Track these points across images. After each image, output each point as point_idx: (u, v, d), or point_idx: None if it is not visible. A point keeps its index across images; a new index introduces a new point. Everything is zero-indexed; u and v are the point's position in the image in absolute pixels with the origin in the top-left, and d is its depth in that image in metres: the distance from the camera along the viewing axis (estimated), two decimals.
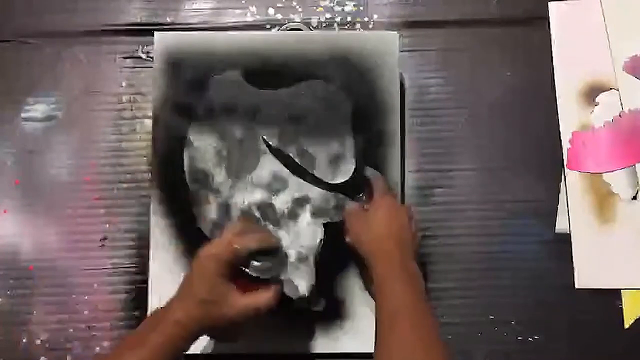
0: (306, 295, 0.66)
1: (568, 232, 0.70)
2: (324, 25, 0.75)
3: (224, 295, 0.55)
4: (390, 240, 0.60)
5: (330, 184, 0.68)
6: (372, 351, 0.56)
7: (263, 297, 0.56)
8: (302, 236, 0.67)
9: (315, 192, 0.68)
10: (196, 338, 0.55)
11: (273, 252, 0.59)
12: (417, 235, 0.63)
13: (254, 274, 0.57)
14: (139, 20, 0.75)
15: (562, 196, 0.71)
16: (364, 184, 0.66)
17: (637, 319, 0.69)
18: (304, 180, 0.68)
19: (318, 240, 0.67)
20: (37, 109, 0.73)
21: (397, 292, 0.56)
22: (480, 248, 0.70)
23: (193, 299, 0.54)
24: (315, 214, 0.68)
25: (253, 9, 0.75)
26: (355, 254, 0.63)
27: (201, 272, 0.55)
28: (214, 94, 0.69)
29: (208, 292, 0.54)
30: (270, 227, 0.67)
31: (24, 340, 0.69)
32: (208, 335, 0.57)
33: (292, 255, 0.67)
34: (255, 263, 0.57)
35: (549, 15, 0.74)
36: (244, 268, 0.57)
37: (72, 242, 0.70)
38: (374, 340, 0.55)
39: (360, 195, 0.66)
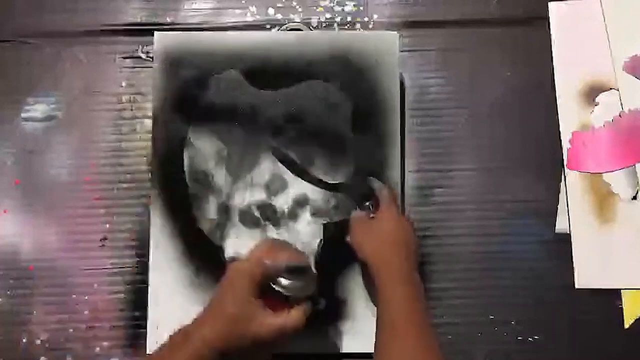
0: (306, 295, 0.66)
1: (568, 232, 0.70)
2: (324, 25, 0.75)
3: (253, 312, 0.53)
4: (395, 250, 0.60)
5: (330, 184, 0.68)
6: (372, 351, 0.56)
7: (292, 317, 0.55)
8: (302, 236, 0.67)
9: (315, 193, 0.68)
10: (221, 357, 0.52)
11: (303, 271, 0.58)
12: (419, 247, 0.63)
13: (284, 292, 0.56)
14: (138, 20, 0.75)
15: (562, 196, 0.71)
16: (371, 194, 0.66)
17: (637, 319, 0.69)
18: (304, 180, 0.68)
19: (318, 241, 0.67)
20: (37, 109, 0.73)
21: (400, 301, 0.57)
22: (480, 248, 0.70)
23: (221, 315, 0.53)
24: (315, 214, 0.68)
25: (253, 9, 0.75)
26: (359, 261, 0.63)
27: (231, 287, 0.54)
28: (214, 93, 0.69)
29: (237, 308, 0.53)
30: (270, 227, 0.68)
31: (24, 340, 0.69)
32: (232, 356, 0.54)
33: None
34: (285, 281, 0.56)
35: (549, 15, 0.74)
36: (273, 285, 0.55)
37: (72, 242, 0.70)
38: (374, 345, 0.55)
39: (367, 204, 0.66)
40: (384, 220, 0.63)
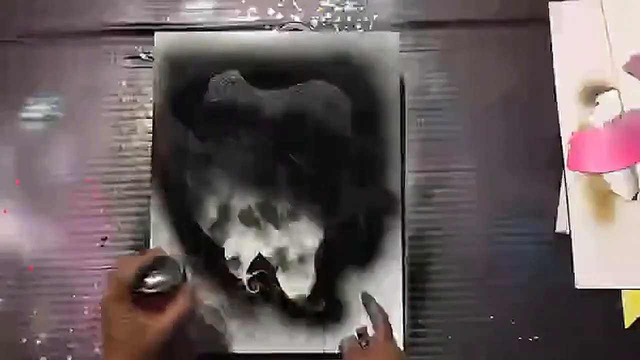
0: (306, 295, 0.67)
1: (568, 232, 0.70)
2: (324, 25, 0.75)
3: (139, 325, 0.54)
4: None
5: (330, 184, 0.68)
6: None
7: (179, 304, 0.56)
8: (303, 236, 0.67)
9: (315, 193, 0.68)
10: None
11: (162, 262, 0.58)
12: None
13: (156, 290, 0.56)
14: (138, 20, 0.75)
15: (562, 196, 0.71)
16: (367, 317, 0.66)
17: (637, 319, 0.69)
18: (304, 180, 0.68)
19: (318, 241, 0.67)
20: (37, 109, 0.73)
21: None
22: (480, 248, 0.70)
23: (114, 345, 0.54)
24: (315, 214, 0.68)
25: (253, 9, 0.75)
26: None
27: (108, 318, 0.55)
28: (214, 94, 0.69)
29: (121, 331, 0.54)
30: (270, 227, 0.68)
31: (24, 340, 0.69)
32: None
33: (292, 255, 0.67)
34: (151, 280, 0.56)
35: (549, 15, 0.74)
36: (144, 290, 0.56)
37: (72, 242, 0.70)
38: None
39: (359, 331, 0.65)
40: (380, 353, 0.62)
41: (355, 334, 0.65)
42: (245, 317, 0.66)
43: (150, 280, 0.56)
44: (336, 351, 0.66)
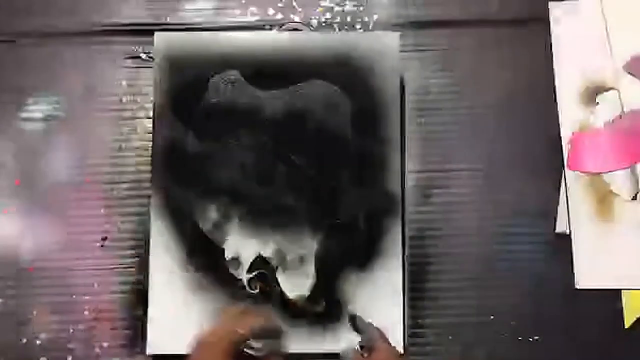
0: (306, 295, 0.67)
1: (568, 232, 0.70)
2: (323, 25, 0.75)
3: None
4: None
5: (330, 185, 0.68)
6: None
7: None
8: (303, 236, 0.67)
9: (315, 194, 0.68)
10: None
11: (272, 330, 0.60)
12: None
13: (255, 354, 0.57)
14: (138, 20, 0.75)
15: (562, 196, 0.71)
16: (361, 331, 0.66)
17: (637, 319, 0.69)
18: (304, 181, 0.68)
19: (318, 241, 0.67)
20: (37, 109, 0.73)
21: None
22: (480, 248, 0.70)
23: None
24: (315, 215, 0.68)
25: (253, 9, 0.75)
26: None
27: None
28: (214, 94, 0.69)
29: None
30: (271, 227, 0.68)
31: (24, 340, 0.69)
32: None
33: (292, 255, 0.67)
34: (255, 344, 0.57)
35: (549, 15, 0.74)
36: (245, 350, 0.57)
37: (72, 242, 0.70)
38: None
39: (358, 345, 0.65)
40: (383, 357, 0.62)
41: (357, 347, 0.65)
42: None
43: (256, 345, 0.57)
44: (336, 352, 0.66)
